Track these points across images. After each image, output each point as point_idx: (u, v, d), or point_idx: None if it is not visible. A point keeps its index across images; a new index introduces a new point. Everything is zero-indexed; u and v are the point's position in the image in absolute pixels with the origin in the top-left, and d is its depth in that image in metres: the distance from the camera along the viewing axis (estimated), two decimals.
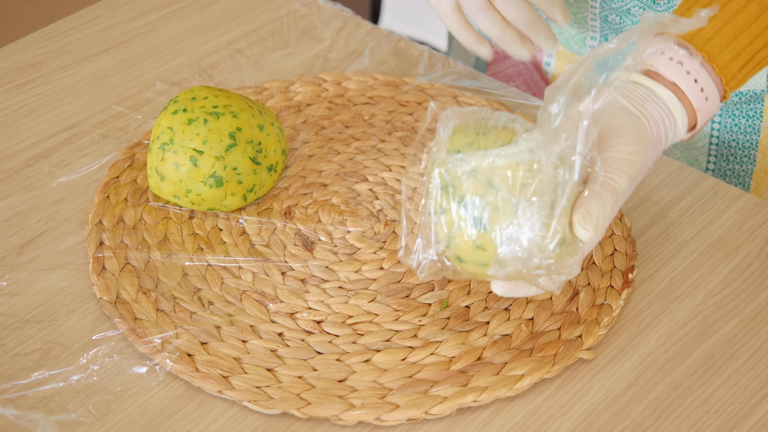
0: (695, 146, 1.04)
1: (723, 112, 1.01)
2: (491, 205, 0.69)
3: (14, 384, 0.75)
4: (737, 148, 1.02)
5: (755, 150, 1.01)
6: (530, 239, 0.69)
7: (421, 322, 0.80)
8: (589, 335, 0.79)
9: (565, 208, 0.70)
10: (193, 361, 0.77)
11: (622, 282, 0.83)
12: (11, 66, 1.04)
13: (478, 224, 0.70)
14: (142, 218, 0.88)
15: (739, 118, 1.01)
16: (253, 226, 0.88)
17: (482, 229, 0.70)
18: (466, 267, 0.72)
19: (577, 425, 0.74)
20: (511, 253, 0.70)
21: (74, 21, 1.10)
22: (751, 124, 1.00)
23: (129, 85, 1.02)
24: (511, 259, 0.70)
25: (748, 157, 1.02)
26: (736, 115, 1.01)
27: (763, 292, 0.83)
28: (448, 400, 0.75)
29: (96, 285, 0.82)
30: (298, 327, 0.80)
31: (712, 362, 0.78)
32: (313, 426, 0.74)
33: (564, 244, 0.70)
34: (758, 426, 0.74)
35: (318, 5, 1.13)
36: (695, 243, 0.87)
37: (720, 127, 1.02)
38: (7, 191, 0.91)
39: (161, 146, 0.85)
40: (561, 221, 0.70)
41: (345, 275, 0.84)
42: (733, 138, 1.02)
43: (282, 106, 0.99)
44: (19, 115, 0.99)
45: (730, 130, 1.01)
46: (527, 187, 0.69)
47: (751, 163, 1.02)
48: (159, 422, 0.74)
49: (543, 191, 0.69)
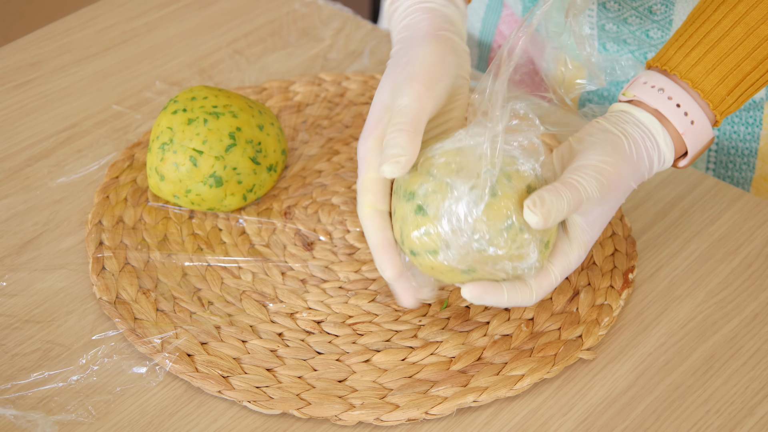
0: None
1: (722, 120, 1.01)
2: (430, 190, 0.71)
3: (14, 384, 0.75)
4: (736, 155, 1.02)
5: (754, 158, 1.01)
6: (467, 213, 0.70)
7: (421, 322, 0.80)
8: (589, 335, 0.79)
9: (493, 188, 0.70)
10: (192, 361, 0.77)
11: (623, 282, 0.83)
12: (11, 66, 1.04)
13: (420, 210, 0.71)
14: (142, 218, 0.88)
15: (739, 126, 1.01)
16: (253, 226, 0.87)
17: (423, 214, 0.71)
18: (421, 260, 0.72)
19: (577, 425, 0.74)
20: (452, 230, 0.70)
21: (74, 21, 1.10)
22: (750, 131, 1.00)
23: (129, 85, 1.02)
24: (454, 238, 0.70)
25: (747, 165, 1.02)
26: (735, 122, 1.01)
27: (764, 292, 0.83)
28: (448, 400, 0.75)
29: (96, 285, 0.82)
30: (298, 327, 0.80)
31: (712, 362, 0.78)
32: (313, 426, 0.74)
33: (520, 234, 0.70)
34: (759, 426, 0.74)
35: (318, 5, 1.13)
36: (695, 243, 0.87)
37: (719, 135, 1.02)
38: (6, 191, 0.91)
39: (161, 146, 0.85)
40: (504, 202, 0.70)
41: (345, 275, 0.84)
42: (732, 145, 1.02)
43: (282, 106, 0.99)
44: (18, 115, 0.99)
45: (729, 137, 1.01)
46: (462, 170, 0.71)
47: (750, 171, 1.02)
48: (159, 422, 0.74)
49: (473, 170, 0.71)
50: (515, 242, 0.71)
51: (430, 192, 0.71)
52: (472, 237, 0.70)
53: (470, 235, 0.70)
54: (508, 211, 0.70)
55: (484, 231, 0.70)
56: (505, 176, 0.71)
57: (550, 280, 0.74)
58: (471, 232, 0.70)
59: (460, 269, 0.72)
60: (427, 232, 0.71)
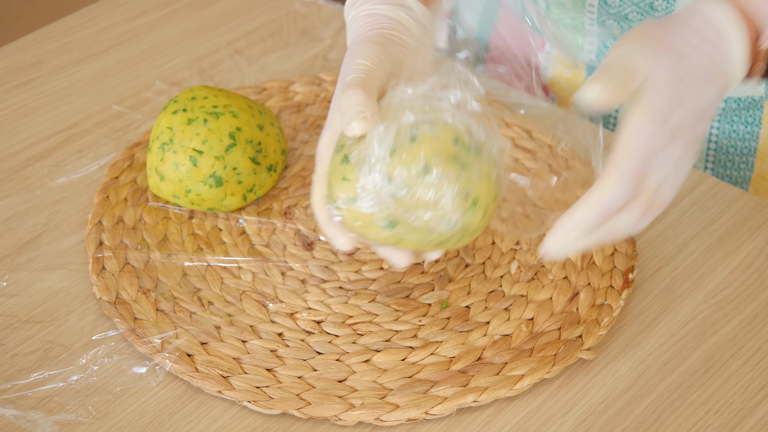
0: None
1: (721, 117, 1.01)
2: (355, 140, 0.71)
3: (14, 384, 0.75)
4: (735, 154, 1.02)
5: (753, 157, 1.01)
6: (383, 156, 0.69)
7: (421, 322, 0.80)
8: (589, 335, 0.79)
9: (412, 134, 0.69)
10: (192, 361, 0.77)
11: (623, 282, 0.83)
12: (11, 66, 1.04)
13: (344, 160, 0.71)
14: (142, 218, 0.88)
15: (738, 125, 1.01)
16: (253, 226, 0.87)
17: (346, 162, 0.70)
18: (345, 214, 0.71)
19: (577, 425, 0.74)
20: (369, 174, 0.69)
21: (74, 21, 1.10)
22: (749, 131, 1.00)
23: (129, 85, 1.02)
24: (370, 182, 0.69)
25: (746, 164, 1.02)
26: (734, 121, 1.01)
27: (764, 292, 0.83)
28: (448, 400, 0.75)
29: (96, 285, 0.82)
30: (298, 327, 0.80)
31: (712, 362, 0.78)
32: (313, 426, 0.74)
33: (437, 181, 0.69)
34: (759, 426, 0.74)
35: (318, 5, 1.13)
36: (695, 243, 0.87)
37: (718, 133, 1.02)
38: (6, 191, 0.91)
39: (161, 146, 0.85)
40: (421, 146, 0.69)
41: (345, 275, 0.84)
42: (731, 144, 1.02)
43: (282, 106, 0.99)
44: (18, 115, 0.99)
45: (728, 136, 1.01)
46: (387, 119, 0.70)
47: (749, 170, 1.02)
48: (159, 422, 0.74)
49: (396, 117, 0.70)
50: (430, 189, 0.69)
51: (354, 142, 0.71)
52: (386, 181, 0.69)
53: (384, 179, 0.69)
54: (425, 155, 0.69)
55: (398, 175, 0.69)
56: (429, 124, 0.69)
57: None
58: (385, 175, 0.69)
59: (381, 224, 0.70)
60: (346, 178, 0.70)
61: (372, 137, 0.69)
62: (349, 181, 0.70)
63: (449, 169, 0.69)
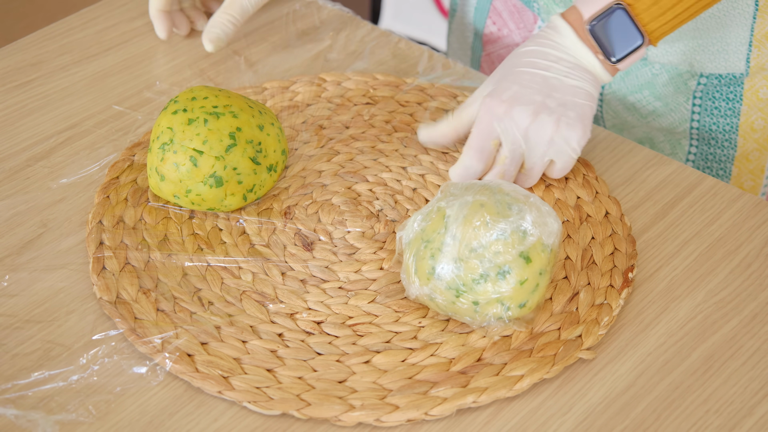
0: (676, 131, 1.05)
1: (703, 95, 1.02)
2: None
3: (14, 384, 0.75)
4: (718, 132, 1.03)
5: (735, 134, 1.02)
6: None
7: (421, 323, 0.80)
8: (589, 335, 0.79)
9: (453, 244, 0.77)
10: (193, 361, 0.77)
11: (622, 282, 0.83)
12: (11, 66, 1.04)
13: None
14: (142, 218, 0.88)
15: (720, 101, 1.02)
16: (253, 226, 0.88)
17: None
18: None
19: (577, 425, 0.74)
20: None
21: (74, 21, 1.10)
22: (731, 107, 1.01)
23: (129, 85, 1.03)
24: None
25: (729, 142, 1.03)
26: (716, 97, 1.02)
27: (763, 292, 0.83)
28: (448, 401, 0.75)
29: (96, 285, 0.82)
30: (298, 328, 0.80)
31: (712, 362, 0.78)
32: (313, 427, 0.74)
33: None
34: (758, 426, 0.74)
35: (318, 5, 1.13)
36: (695, 243, 0.87)
37: (700, 110, 1.03)
38: (7, 191, 0.91)
39: (161, 146, 0.85)
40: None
41: (345, 275, 0.84)
42: (713, 121, 1.03)
43: (282, 106, 0.99)
44: (19, 115, 0.99)
45: (710, 113, 1.02)
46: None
47: (732, 149, 1.03)
48: (159, 422, 0.74)
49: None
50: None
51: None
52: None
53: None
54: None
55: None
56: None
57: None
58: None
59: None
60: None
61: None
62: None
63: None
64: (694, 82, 1.02)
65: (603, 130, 0.98)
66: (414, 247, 0.78)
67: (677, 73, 1.02)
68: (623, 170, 0.94)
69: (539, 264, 0.77)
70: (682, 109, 1.04)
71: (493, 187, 0.79)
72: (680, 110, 1.04)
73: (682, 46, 1.00)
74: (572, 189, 0.91)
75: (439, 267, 0.77)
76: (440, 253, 0.76)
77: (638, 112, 1.06)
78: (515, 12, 1.11)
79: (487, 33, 1.15)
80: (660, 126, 1.06)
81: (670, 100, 1.04)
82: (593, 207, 0.89)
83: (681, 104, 1.04)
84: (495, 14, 1.13)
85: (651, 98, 1.04)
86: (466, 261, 0.76)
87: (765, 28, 0.97)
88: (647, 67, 1.03)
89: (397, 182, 0.92)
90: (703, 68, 1.01)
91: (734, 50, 0.99)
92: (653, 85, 1.04)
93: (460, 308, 0.77)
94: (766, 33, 0.98)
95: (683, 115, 1.04)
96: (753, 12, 0.97)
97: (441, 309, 0.79)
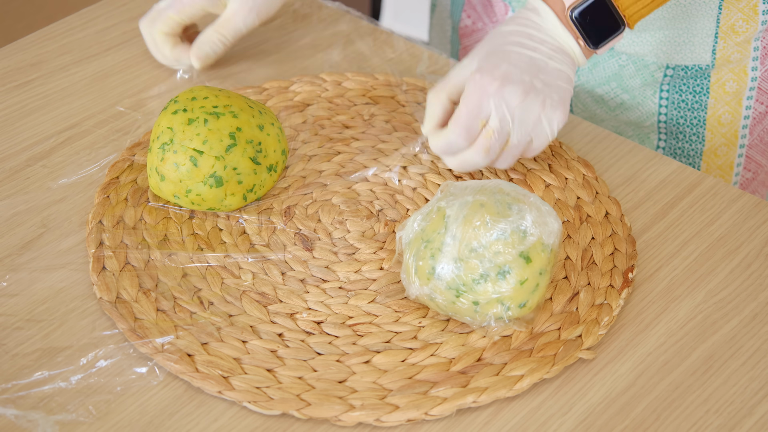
0: (644, 125, 1.05)
1: (670, 87, 1.02)
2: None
3: (14, 384, 0.75)
4: (685, 125, 1.03)
5: (703, 128, 1.03)
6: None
7: (421, 323, 0.80)
8: (589, 335, 0.79)
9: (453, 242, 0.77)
10: (193, 361, 0.77)
11: (622, 282, 0.83)
12: (11, 66, 1.04)
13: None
14: (142, 218, 0.88)
15: (686, 94, 1.02)
16: (253, 226, 0.88)
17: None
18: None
19: (577, 425, 0.74)
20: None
21: (74, 21, 1.10)
22: (698, 100, 1.02)
23: (129, 85, 1.03)
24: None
25: (696, 136, 1.03)
26: (683, 90, 1.02)
27: (763, 292, 0.83)
28: (448, 400, 0.75)
29: (96, 285, 0.82)
30: (298, 328, 0.80)
31: (712, 362, 0.78)
32: (313, 427, 0.74)
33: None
34: (758, 426, 0.74)
35: (318, 5, 1.13)
36: (695, 243, 0.87)
37: (668, 103, 1.03)
38: (7, 191, 0.91)
39: (161, 146, 0.85)
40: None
41: (345, 275, 0.84)
42: (681, 114, 1.03)
43: (282, 106, 0.99)
44: (19, 115, 0.99)
45: (677, 106, 1.03)
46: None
47: (700, 143, 1.03)
48: (159, 422, 0.74)
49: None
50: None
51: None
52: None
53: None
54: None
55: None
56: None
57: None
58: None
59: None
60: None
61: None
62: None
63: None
64: (661, 73, 1.02)
65: (603, 130, 0.98)
66: (414, 247, 0.78)
67: (644, 64, 1.02)
68: (623, 170, 0.94)
69: (539, 264, 0.77)
70: (649, 102, 1.04)
71: (493, 186, 0.79)
72: (647, 103, 1.04)
73: (648, 37, 1.00)
74: (572, 189, 0.91)
75: (439, 267, 0.77)
76: (440, 253, 0.77)
77: (606, 104, 1.06)
78: (488, 4, 1.11)
79: (463, 26, 1.15)
80: (628, 119, 1.06)
81: (637, 93, 1.04)
82: (593, 207, 0.89)
83: (648, 97, 1.04)
84: (470, 7, 1.13)
85: (618, 90, 1.04)
86: (466, 261, 0.76)
87: (730, 20, 0.97)
88: (614, 58, 1.03)
89: (397, 182, 0.92)
90: (670, 59, 1.01)
91: (700, 41, 0.99)
92: (620, 76, 1.04)
93: (460, 308, 0.77)
94: (731, 25, 0.98)
95: (651, 109, 1.04)
96: (719, 2, 0.97)
97: (441, 309, 0.79)
